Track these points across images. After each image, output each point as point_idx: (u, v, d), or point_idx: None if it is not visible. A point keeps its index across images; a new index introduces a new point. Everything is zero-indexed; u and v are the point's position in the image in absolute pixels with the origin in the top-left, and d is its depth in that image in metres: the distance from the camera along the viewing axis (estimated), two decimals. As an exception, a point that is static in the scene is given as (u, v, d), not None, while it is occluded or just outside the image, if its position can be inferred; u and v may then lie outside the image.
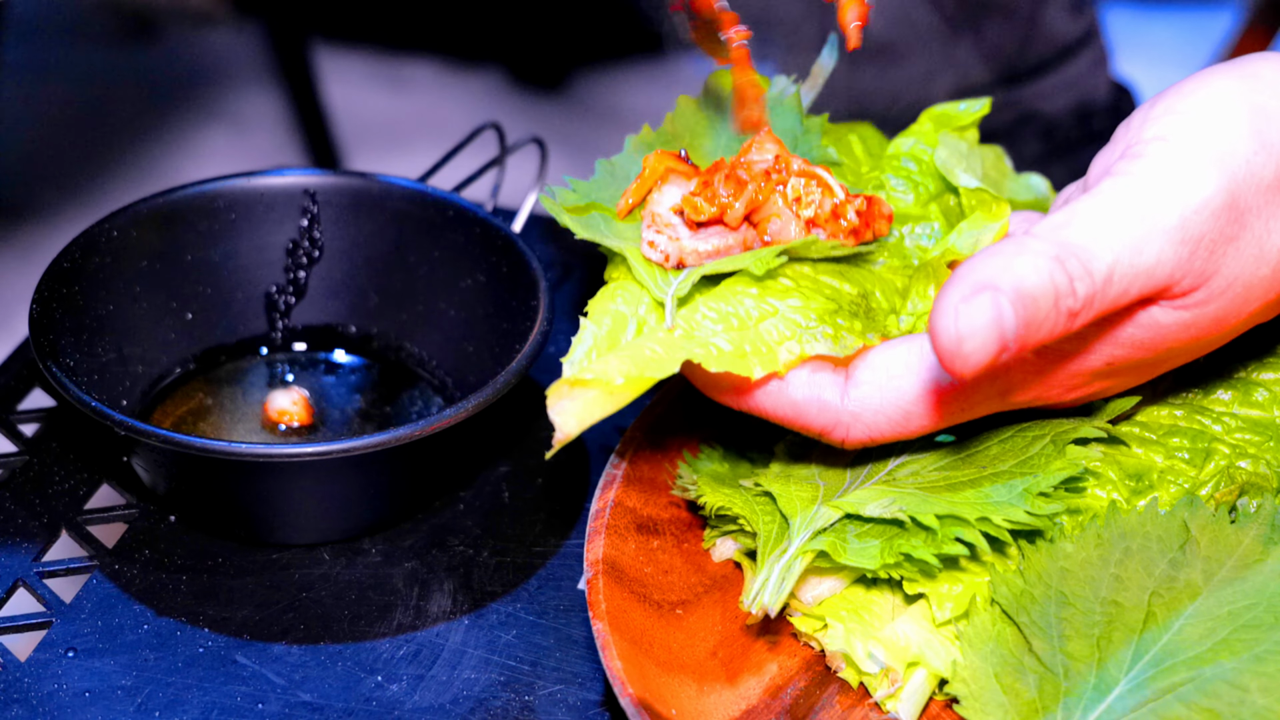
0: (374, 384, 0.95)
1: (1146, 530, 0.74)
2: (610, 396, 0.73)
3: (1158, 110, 0.72)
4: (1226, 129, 0.70)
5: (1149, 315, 0.71)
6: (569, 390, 0.73)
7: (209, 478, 0.84)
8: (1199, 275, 0.70)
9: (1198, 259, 0.69)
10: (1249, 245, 0.70)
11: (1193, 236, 0.69)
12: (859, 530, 0.75)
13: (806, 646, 0.78)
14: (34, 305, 0.87)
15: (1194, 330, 0.72)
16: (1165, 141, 0.70)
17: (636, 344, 0.74)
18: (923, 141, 0.86)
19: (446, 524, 0.88)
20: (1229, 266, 0.70)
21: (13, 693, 0.78)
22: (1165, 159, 0.70)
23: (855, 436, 0.75)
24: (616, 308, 0.76)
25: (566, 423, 0.73)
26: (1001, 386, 0.73)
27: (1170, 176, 0.69)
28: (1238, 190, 0.70)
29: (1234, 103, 0.71)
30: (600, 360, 0.74)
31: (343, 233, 0.95)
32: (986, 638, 0.73)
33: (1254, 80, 0.72)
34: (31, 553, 0.86)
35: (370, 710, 0.78)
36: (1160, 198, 0.69)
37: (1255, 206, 0.70)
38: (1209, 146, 0.70)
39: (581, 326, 0.76)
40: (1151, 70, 1.97)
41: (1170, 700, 0.70)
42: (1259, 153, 0.70)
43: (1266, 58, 0.73)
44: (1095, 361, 0.72)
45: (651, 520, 0.81)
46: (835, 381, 0.75)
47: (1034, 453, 0.76)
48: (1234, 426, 0.79)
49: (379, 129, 2.14)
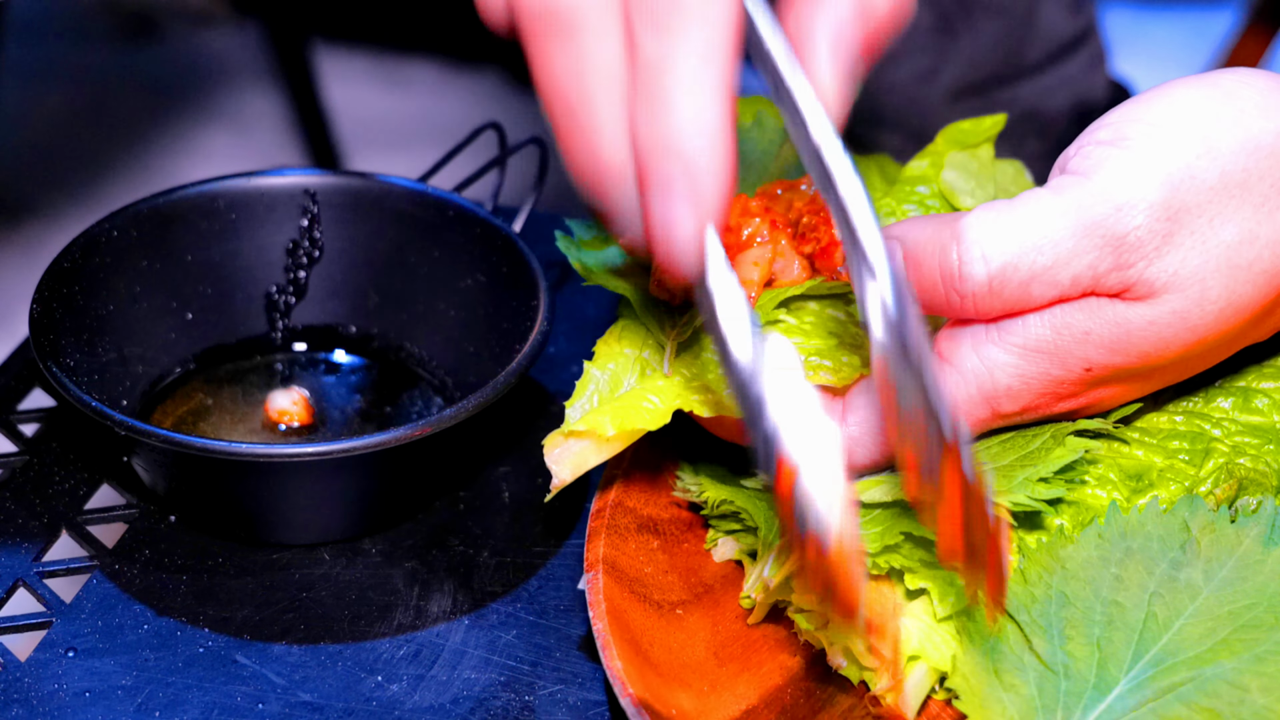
0: (374, 384, 0.95)
1: (1147, 530, 0.74)
2: (604, 445, 0.76)
3: (1116, 116, 0.74)
4: (1174, 136, 0.72)
5: (1111, 310, 0.72)
6: (563, 440, 0.76)
7: (209, 478, 0.84)
8: (1126, 269, 0.71)
9: (1122, 253, 0.71)
10: (1189, 240, 0.72)
11: (1115, 232, 0.71)
12: (861, 520, 0.75)
13: (807, 646, 0.78)
14: (34, 305, 0.87)
15: (1160, 328, 0.73)
16: (1114, 146, 0.72)
17: (633, 394, 0.77)
18: (936, 162, 0.87)
19: (446, 524, 0.88)
20: (1167, 261, 0.72)
21: (13, 693, 0.78)
22: (1108, 162, 0.72)
23: (857, 461, 0.76)
24: (621, 351, 0.79)
25: (562, 471, 0.77)
26: (989, 396, 0.74)
27: (1106, 177, 0.72)
28: (1172, 190, 0.71)
29: (1188, 111, 0.73)
30: (594, 412, 0.76)
31: (343, 233, 0.95)
32: (987, 635, 0.73)
33: (1214, 89, 0.74)
34: (31, 553, 0.86)
35: (370, 710, 0.78)
36: (1088, 195, 0.71)
37: (1194, 206, 0.72)
38: (1152, 151, 0.72)
39: (585, 370, 0.78)
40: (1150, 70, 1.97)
41: (1170, 700, 0.70)
42: (1202, 156, 0.72)
43: (1233, 70, 0.75)
44: (1074, 366, 0.73)
45: (651, 520, 0.81)
46: (834, 410, 0.76)
47: (1034, 448, 0.76)
48: (1234, 430, 0.79)
49: (379, 129, 2.14)
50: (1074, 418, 0.77)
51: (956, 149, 0.88)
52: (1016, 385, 0.74)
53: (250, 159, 2.05)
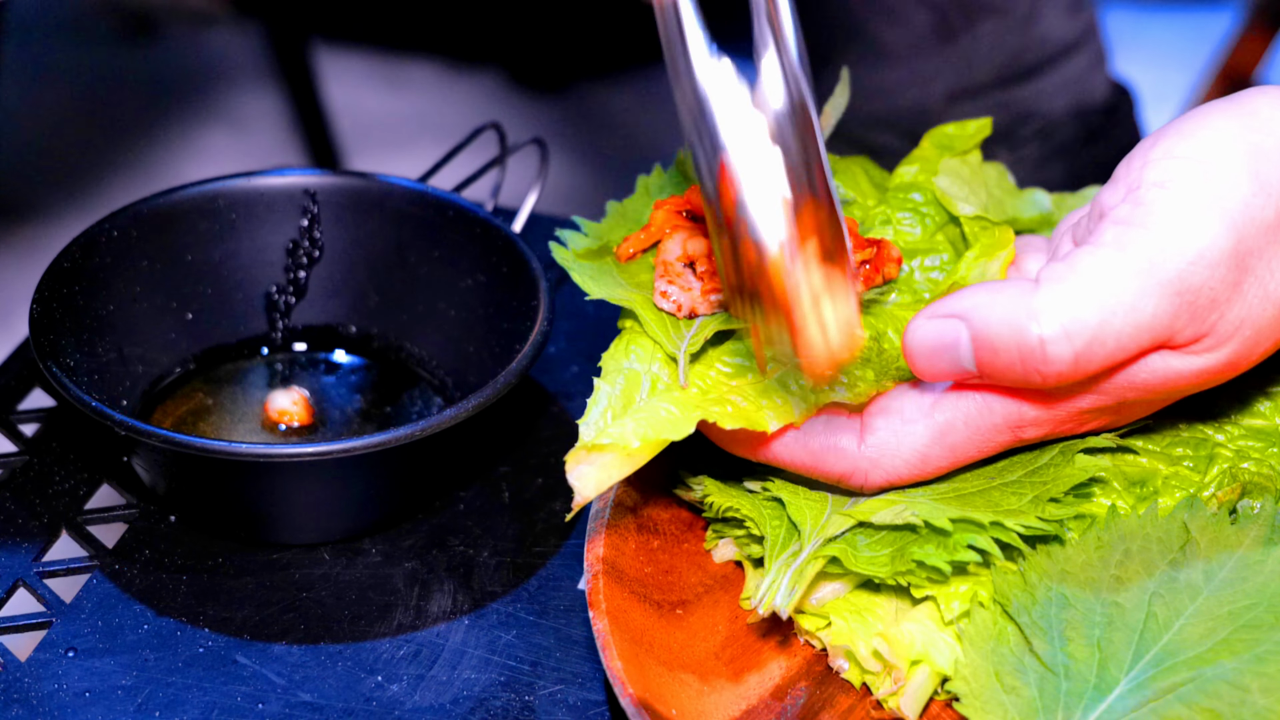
0: (374, 384, 0.95)
1: (1146, 532, 0.74)
2: (628, 459, 0.74)
3: (1157, 153, 0.72)
4: (1224, 173, 0.70)
5: (1161, 361, 0.71)
6: (586, 455, 0.74)
7: (209, 478, 0.84)
8: (1202, 323, 0.70)
9: (1199, 308, 0.70)
10: (1253, 288, 0.71)
11: (1192, 286, 0.69)
12: (869, 539, 0.75)
13: (808, 646, 0.78)
14: (34, 305, 0.87)
15: (1207, 375, 0.72)
16: (1164, 189, 0.70)
17: (651, 405, 0.75)
18: (925, 167, 0.86)
19: (446, 524, 0.88)
20: (1234, 311, 0.70)
21: (13, 693, 0.78)
22: (1164, 207, 0.70)
23: (874, 481, 0.75)
24: (630, 365, 0.77)
25: (585, 487, 0.74)
26: (1014, 424, 0.74)
27: (1169, 226, 0.70)
28: (1238, 235, 0.70)
29: (1231, 144, 0.71)
30: (616, 424, 0.75)
31: (343, 233, 0.95)
32: (988, 637, 0.73)
33: (1251, 119, 0.72)
34: (31, 553, 0.86)
35: (370, 710, 0.78)
36: (1158, 250, 0.69)
37: (1257, 249, 0.70)
38: (1207, 192, 0.70)
39: (595, 387, 0.76)
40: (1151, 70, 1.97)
41: (1170, 700, 0.70)
42: (1257, 194, 0.70)
43: (1265, 92, 0.73)
44: (1106, 400, 0.73)
45: (651, 520, 0.81)
46: (851, 428, 0.75)
47: (1043, 463, 0.76)
48: (1236, 435, 0.79)
49: (379, 129, 2.14)
50: (1085, 436, 0.77)
51: (943, 153, 0.87)
52: (1045, 416, 0.73)
53: (250, 159, 2.05)
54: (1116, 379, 0.72)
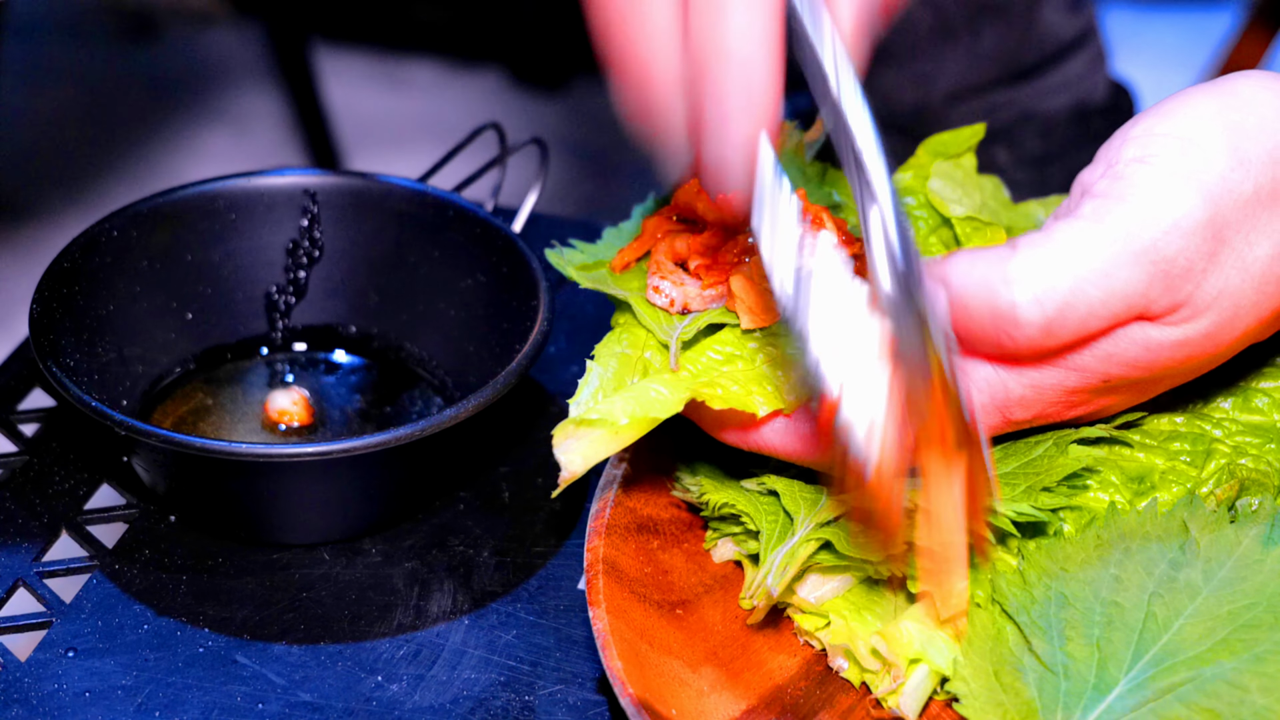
0: (374, 384, 0.95)
1: (1146, 531, 0.74)
2: (615, 436, 0.74)
3: (1136, 131, 0.73)
4: (1203, 148, 0.71)
5: (1140, 332, 0.72)
6: (575, 430, 0.74)
7: (209, 478, 0.84)
8: (1177, 293, 0.70)
9: (1174, 277, 0.70)
10: (1230, 260, 0.71)
11: (1166, 256, 0.70)
12: None
13: (807, 646, 0.78)
14: (34, 305, 0.87)
15: (1189, 348, 0.72)
16: (1143, 164, 0.71)
17: (642, 385, 0.76)
18: (919, 173, 0.86)
19: (446, 524, 0.88)
20: (1210, 282, 0.71)
21: (13, 693, 0.78)
22: (1141, 181, 0.71)
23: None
24: (622, 350, 0.78)
25: (572, 462, 0.74)
26: (1001, 404, 0.74)
27: (1145, 198, 0.70)
28: (1214, 207, 0.70)
29: (1211, 122, 0.72)
30: (605, 401, 0.75)
31: (343, 233, 0.95)
32: (987, 637, 0.73)
33: (1232, 98, 0.72)
34: (31, 553, 0.86)
35: (370, 710, 0.78)
36: (1133, 220, 0.70)
37: (1234, 221, 0.71)
38: (1184, 166, 0.71)
39: (588, 369, 0.77)
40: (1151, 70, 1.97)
41: (1170, 700, 0.70)
42: (1235, 169, 0.71)
43: (1246, 75, 0.74)
44: (1092, 379, 0.73)
45: (651, 520, 0.81)
46: None
47: (1037, 454, 0.76)
48: (1234, 431, 0.79)
49: (379, 129, 2.14)
50: (1079, 423, 0.77)
51: (938, 160, 0.88)
52: (1030, 395, 0.74)
53: (250, 159, 2.05)
54: (1096, 349, 0.72)
